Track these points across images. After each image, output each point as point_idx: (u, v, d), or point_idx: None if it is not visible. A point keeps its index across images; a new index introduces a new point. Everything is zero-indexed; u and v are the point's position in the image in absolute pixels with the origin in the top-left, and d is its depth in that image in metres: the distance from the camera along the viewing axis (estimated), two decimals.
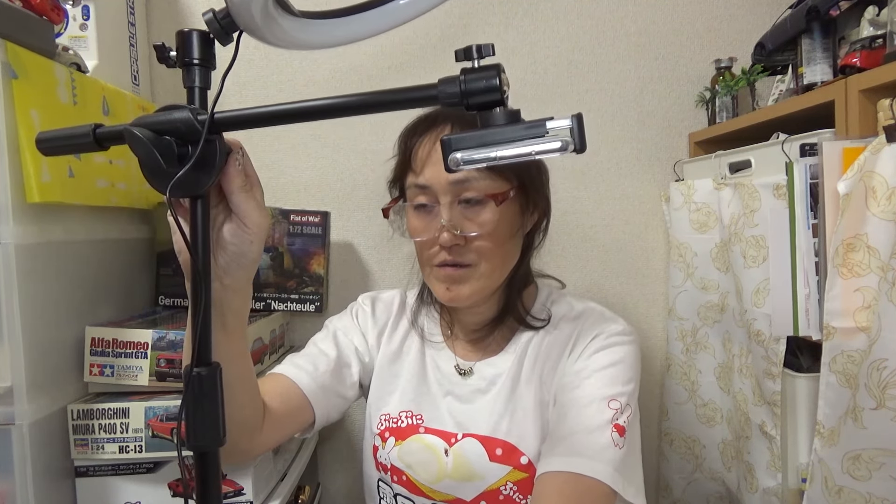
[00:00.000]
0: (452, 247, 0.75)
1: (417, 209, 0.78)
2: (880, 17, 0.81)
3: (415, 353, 0.89)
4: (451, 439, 0.81)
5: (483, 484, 0.78)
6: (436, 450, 0.82)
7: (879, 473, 0.75)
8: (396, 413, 0.86)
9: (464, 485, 0.79)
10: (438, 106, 0.46)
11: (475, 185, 0.74)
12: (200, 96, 0.49)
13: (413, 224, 0.79)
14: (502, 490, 0.77)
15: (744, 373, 1.02)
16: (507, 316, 0.84)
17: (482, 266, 0.76)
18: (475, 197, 0.74)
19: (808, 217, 0.85)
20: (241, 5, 0.45)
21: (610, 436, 0.70)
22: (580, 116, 0.42)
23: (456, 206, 0.75)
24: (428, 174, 0.75)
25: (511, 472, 0.77)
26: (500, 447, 0.78)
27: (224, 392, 0.49)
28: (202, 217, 0.49)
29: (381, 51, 1.29)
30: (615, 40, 1.31)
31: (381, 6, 0.49)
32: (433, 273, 0.79)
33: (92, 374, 0.90)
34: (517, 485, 0.77)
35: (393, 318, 0.93)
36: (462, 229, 0.74)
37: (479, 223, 0.74)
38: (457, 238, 0.74)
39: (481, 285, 0.78)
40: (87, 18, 1.02)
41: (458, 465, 0.80)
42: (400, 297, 0.96)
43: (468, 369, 0.86)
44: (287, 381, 0.80)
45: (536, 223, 0.85)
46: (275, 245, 1.13)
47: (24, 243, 0.77)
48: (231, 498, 0.91)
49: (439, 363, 0.88)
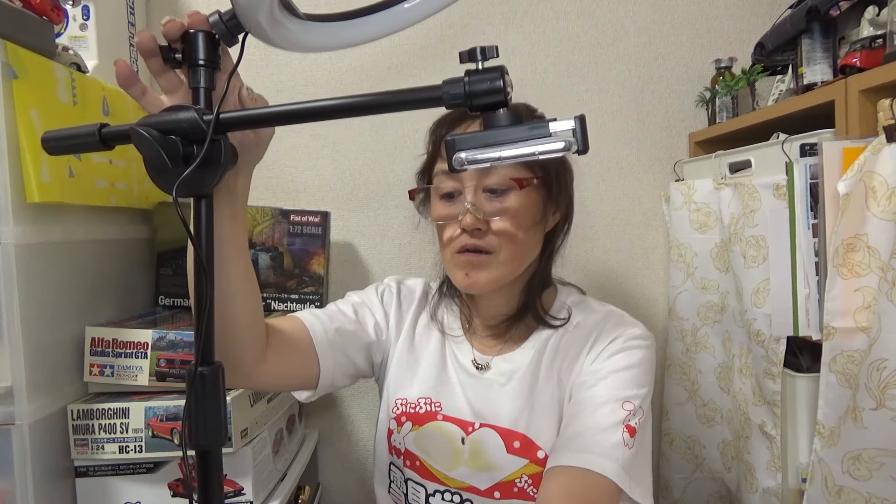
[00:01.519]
0: (474, 231, 0.76)
1: (443, 197, 0.80)
2: (880, 17, 0.82)
3: (435, 344, 0.90)
4: (469, 428, 0.82)
5: (499, 475, 0.79)
6: (453, 437, 0.82)
7: (879, 473, 0.75)
8: (415, 399, 0.86)
9: (479, 474, 0.80)
10: (443, 107, 0.46)
11: (500, 170, 0.76)
12: (205, 96, 0.49)
13: (438, 210, 0.81)
14: (517, 482, 0.78)
15: (744, 373, 1.02)
16: (526, 313, 0.85)
17: (502, 253, 0.77)
18: (500, 186, 0.76)
19: (808, 217, 0.85)
20: (248, 7, 0.45)
21: (621, 436, 0.71)
22: (583, 118, 0.42)
23: (480, 192, 0.77)
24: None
25: (527, 465, 0.78)
26: (518, 440, 0.79)
27: (229, 293, 0.54)
28: (206, 216, 0.50)
29: (382, 51, 1.29)
30: (615, 40, 1.31)
31: (386, 10, 0.49)
32: (453, 259, 0.80)
33: (92, 374, 0.90)
34: (532, 478, 0.78)
35: (415, 307, 0.93)
36: (485, 212, 0.76)
37: (500, 210, 0.76)
38: (479, 222, 0.76)
39: (500, 273, 0.79)
40: (87, 18, 1.02)
41: (474, 454, 0.81)
42: (423, 286, 0.96)
43: (485, 364, 0.86)
44: (299, 322, 0.81)
45: (558, 224, 0.87)
46: (275, 245, 1.13)
47: (24, 243, 0.77)
48: (231, 498, 0.91)
49: (458, 356, 0.88)
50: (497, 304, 0.86)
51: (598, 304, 0.88)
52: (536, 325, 0.86)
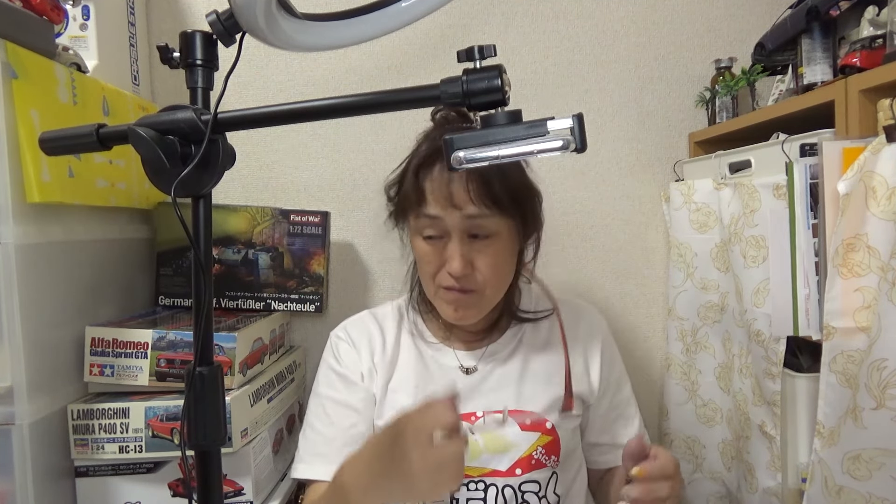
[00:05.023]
0: (462, 276, 0.80)
1: (427, 238, 0.82)
2: (880, 17, 0.81)
3: (409, 349, 0.92)
4: (472, 418, 0.86)
5: (518, 452, 0.84)
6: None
7: (879, 473, 0.75)
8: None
9: (500, 457, 0.84)
10: (441, 107, 0.46)
11: (484, 222, 0.79)
12: (203, 96, 0.49)
13: (423, 249, 0.83)
14: (533, 455, 0.84)
15: (744, 373, 1.02)
16: (503, 317, 0.92)
17: (487, 291, 0.82)
18: (483, 233, 0.80)
19: (808, 217, 0.85)
20: (245, 7, 0.45)
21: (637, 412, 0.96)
22: (581, 116, 0.42)
23: (466, 239, 0.80)
24: (440, 208, 0.79)
25: (539, 437, 0.85)
26: (527, 417, 0.86)
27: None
28: (205, 216, 0.50)
29: (381, 51, 1.29)
30: (615, 40, 1.31)
31: (383, 9, 0.49)
32: (440, 294, 0.83)
33: (92, 374, 0.90)
34: (545, 447, 0.85)
35: (394, 333, 0.94)
36: (472, 262, 0.80)
37: (486, 254, 0.80)
38: (467, 267, 0.79)
39: (485, 307, 0.85)
40: (87, 18, 1.02)
41: (489, 440, 0.84)
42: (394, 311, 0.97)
43: (472, 367, 0.90)
44: (323, 487, 0.80)
45: (530, 239, 0.90)
46: (275, 245, 1.13)
47: (24, 243, 0.77)
48: (231, 498, 0.91)
49: (440, 360, 0.91)
50: (477, 323, 0.89)
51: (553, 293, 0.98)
52: (511, 321, 0.93)
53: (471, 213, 0.78)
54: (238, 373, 0.93)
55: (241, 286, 1.13)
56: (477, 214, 0.78)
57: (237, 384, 0.93)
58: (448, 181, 0.78)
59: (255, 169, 1.30)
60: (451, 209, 0.78)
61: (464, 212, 0.77)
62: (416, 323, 0.94)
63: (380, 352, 0.91)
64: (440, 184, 0.79)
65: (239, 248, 1.12)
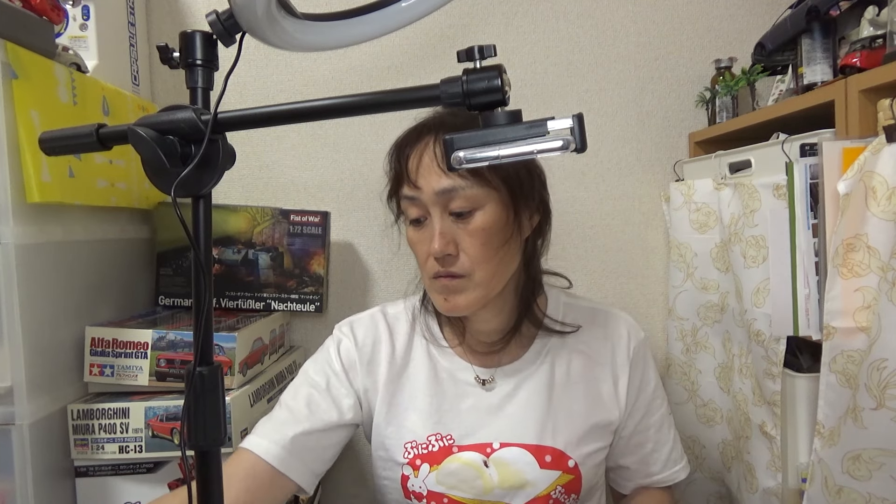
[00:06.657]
0: (445, 258, 0.75)
1: (413, 223, 0.78)
2: (880, 17, 0.81)
3: (421, 358, 0.87)
4: (487, 449, 0.81)
5: (534, 491, 0.80)
6: (476, 465, 0.81)
7: (879, 473, 0.75)
8: (424, 438, 0.83)
9: (514, 493, 0.80)
10: (439, 107, 0.46)
11: (461, 193, 0.73)
12: (203, 97, 0.49)
13: (410, 236, 0.80)
14: (552, 494, 0.80)
15: (744, 373, 1.02)
16: (523, 322, 0.84)
17: (476, 275, 0.75)
18: (464, 209, 0.74)
19: (808, 217, 0.85)
20: (245, 7, 0.45)
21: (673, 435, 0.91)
22: (581, 116, 0.42)
23: (447, 217, 0.75)
24: (418, 185, 0.75)
25: (560, 476, 0.80)
26: (549, 454, 0.80)
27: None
28: (204, 216, 0.49)
29: (381, 51, 1.29)
30: (615, 40, 1.31)
31: (383, 9, 0.49)
32: (431, 284, 0.79)
33: (92, 374, 0.90)
34: (565, 487, 0.80)
35: (387, 334, 0.88)
36: (453, 240, 0.75)
37: (468, 232, 0.74)
38: (448, 248, 0.74)
39: (478, 294, 0.77)
40: (87, 18, 1.02)
41: (504, 476, 0.80)
42: (407, 312, 0.92)
43: (490, 378, 0.85)
44: (248, 457, 0.77)
45: (536, 227, 0.84)
46: (275, 245, 1.13)
47: (24, 243, 0.77)
48: None
49: (455, 373, 0.85)
50: (486, 318, 0.84)
51: (584, 303, 0.91)
52: (537, 331, 0.85)
53: (444, 187, 0.73)
54: (238, 373, 0.93)
55: (241, 286, 1.13)
56: (451, 187, 0.72)
57: (237, 384, 0.93)
58: (420, 156, 0.74)
59: (255, 169, 1.30)
60: (426, 186, 0.74)
61: (437, 186, 0.73)
62: (430, 326, 0.88)
63: (386, 362, 0.86)
64: (415, 161, 0.75)
65: (239, 248, 1.13)
